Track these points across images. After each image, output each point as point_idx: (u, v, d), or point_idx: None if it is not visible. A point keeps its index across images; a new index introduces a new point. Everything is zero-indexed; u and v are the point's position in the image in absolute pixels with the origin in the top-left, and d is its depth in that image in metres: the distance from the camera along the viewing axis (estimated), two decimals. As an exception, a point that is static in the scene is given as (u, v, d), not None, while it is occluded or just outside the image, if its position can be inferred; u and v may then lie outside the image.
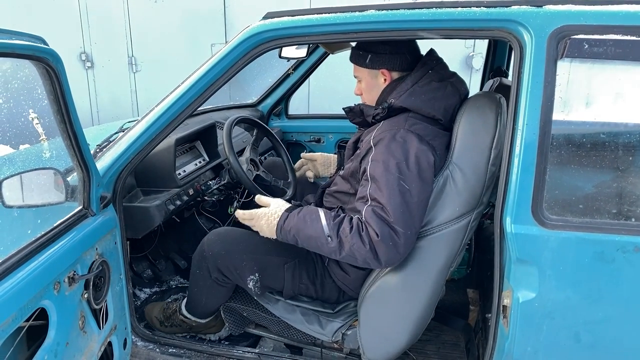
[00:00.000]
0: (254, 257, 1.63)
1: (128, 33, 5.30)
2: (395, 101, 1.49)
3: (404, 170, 1.37)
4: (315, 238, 1.43)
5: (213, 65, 1.49)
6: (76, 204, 1.43)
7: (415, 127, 1.44)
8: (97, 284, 1.44)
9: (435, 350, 1.99)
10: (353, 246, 1.37)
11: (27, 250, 1.19)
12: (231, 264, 1.64)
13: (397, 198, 1.35)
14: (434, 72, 1.52)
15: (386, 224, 1.35)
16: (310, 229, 1.43)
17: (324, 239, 1.41)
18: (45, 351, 1.23)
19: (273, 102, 3.00)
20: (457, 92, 1.52)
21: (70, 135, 1.28)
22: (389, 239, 1.34)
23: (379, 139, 1.45)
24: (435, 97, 1.47)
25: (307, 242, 1.46)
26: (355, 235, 1.37)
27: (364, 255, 1.37)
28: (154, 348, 1.78)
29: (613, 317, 1.25)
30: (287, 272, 1.64)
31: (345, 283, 1.64)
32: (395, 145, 1.40)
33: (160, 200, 1.79)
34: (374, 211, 1.37)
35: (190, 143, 2.24)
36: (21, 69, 1.36)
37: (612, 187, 1.27)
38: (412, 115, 1.48)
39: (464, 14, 1.28)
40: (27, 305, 1.15)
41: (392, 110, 1.51)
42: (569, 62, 1.21)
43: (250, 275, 1.63)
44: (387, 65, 1.55)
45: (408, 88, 1.50)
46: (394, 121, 1.48)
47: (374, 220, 1.35)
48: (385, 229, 1.34)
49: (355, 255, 1.39)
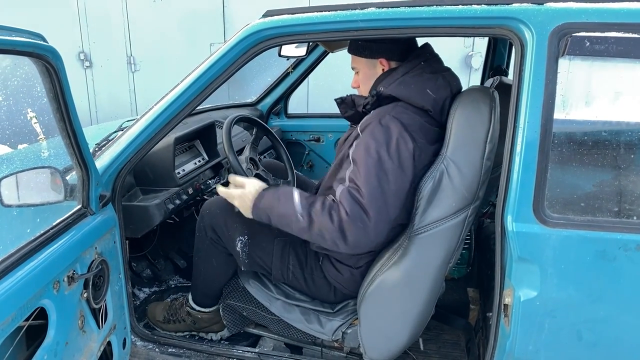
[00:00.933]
0: (246, 221, 1.65)
1: (127, 32, 5.29)
2: (385, 89, 1.49)
3: (383, 155, 1.38)
4: (286, 216, 1.43)
5: (212, 63, 1.49)
6: (75, 203, 1.42)
7: (401, 115, 1.44)
8: (97, 284, 1.43)
9: (435, 349, 1.99)
10: (322, 224, 1.37)
11: (26, 250, 1.18)
12: (224, 223, 1.69)
13: (374, 181, 1.36)
14: (426, 64, 1.52)
15: (358, 205, 1.35)
16: (282, 207, 1.44)
17: (295, 217, 1.41)
18: (44, 351, 1.22)
19: (272, 101, 2.99)
20: (448, 86, 1.51)
21: (69, 133, 1.27)
22: (358, 220, 1.34)
23: (365, 124, 1.46)
24: (425, 88, 1.47)
25: (279, 220, 1.46)
26: (325, 214, 1.37)
27: (332, 234, 1.36)
28: (153, 348, 1.77)
29: (615, 316, 1.25)
30: (277, 246, 1.65)
31: (338, 281, 1.63)
32: (378, 130, 1.41)
33: (160, 199, 1.79)
34: (349, 192, 1.37)
35: (190, 142, 2.24)
36: (20, 67, 1.36)
37: (613, 185, 1.27)
38: (401, 104, 1.47)
39: (465, 12, 1.28)
40: (27, 305, 1.15)
41: (381, 99, 1.51)
42: (571, 60, 1.21)
43: (239, 236, 1.66)
44: (386, 54, 1.55)
45: (398, 77, 1.50)
46: (382, 109, 1.49)
47: (346, 199, 1.36)
48: (356, 209, 1.35)
49: (323, 234, 1.38)
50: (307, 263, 1.66)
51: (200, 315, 1.86)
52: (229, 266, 1.76)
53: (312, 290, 1.68)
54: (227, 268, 1.77)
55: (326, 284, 1.66)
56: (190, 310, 1.87)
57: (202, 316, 1.87)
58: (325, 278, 1.65)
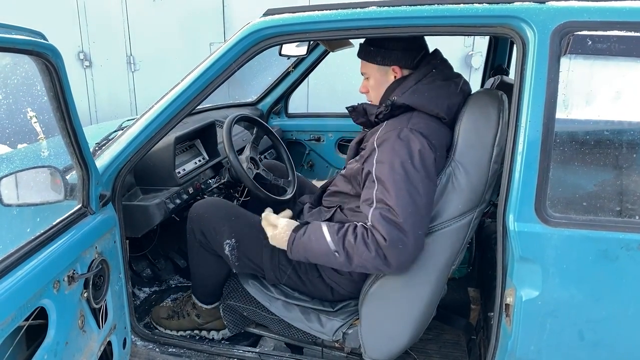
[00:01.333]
0: (233, 223, 1.67)
1: (126, 32, 5.29)
2: (399, 98, 1.48)
3: (409, 169, 1.35)
4: (324, 255, 1.42)
5: (213, 62, 1.48)
6: (75, 203, 1.42)
7: (418, 125, 1.42)
8: (97, 283, 1.43)
9: (436, 349, 1.99)
10: (360, 256, 1.35)
11: (26, 249, 1.18)
12: (211, 226, 1.68)
13: (405, 198, 1.33)
14: (438, 72, 1.51)
15: (394, 227, 1.32)
16: (316, 247, 1.42)
17: (332, 255, 1.39)
18: (45, 350, 1.22)
19: (273, 100, 2.99)
20: (461, 92, 1.50)
21: (69, 132, 1.27)
22: (397, 242, 1.31)
23: (382, 139, 1.43)
24: (439, 95, 1.46)
25: (317, 260, 1.46)
26: (360, 245, 1.34)
27: (373, 262, 1.34)
28: (153, 347, 1.77)
29: (617, 316, 1.24)
30: (266, 248, 1.62)
31: (335, 281, 1.62)
32: (399, 145, 1.38)
33: (160, 198, 1.78)
34: (381, 214, 1.33)
35: (190, 141, 2.23)
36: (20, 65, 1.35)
37: (615, 184, 1.26)
38: (416, 114, 1.46)
39: (466, 10, 1.27)
40: (27, 305, 1.14)
41: (395, 109, 1.49)
42: (573, 59, 1.20)
43: (227, 240, 1.65)
44: (400, 62, 1.52)
45: (411, 85, 1.48)
46: (397, 121, 1.47)
47: (381, 224, 1.32)
48: (394, 232, 1.31)
49: (365, 265, 1.37)
50: (300, 264, 1.63)
51: (204, 308, 1.87)
52: (222, 267, 1.76)
53: (309, 289, 1.67)
54: (219, 269, 1.77)
55: (323, 284, 1.65)
56: (195, 303, 1.89)
57: (205, 312, 1.88)
58: (321, 277, 1.64)
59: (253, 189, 1.89)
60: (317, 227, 1.45)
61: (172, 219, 2.15)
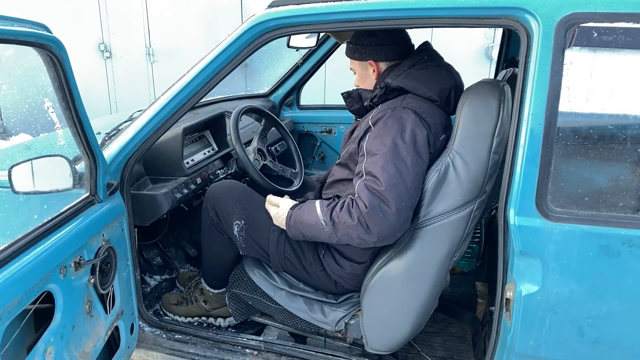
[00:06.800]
0: (245, 206, 1.72)
1: (146, 24, 5.36)
2: (393, 81, 1.53)
3: (399, 143, 1.39)
4: (313, 226, 1.48)
5: (218, 54, 1.50)
6: (83, 191, 1.46)
7: (411, 104, 1.47)
8: (104, 270, 1.47)
9: (441, 342, 1.98)
10: (344, 224, 1.40)
11: (33, 235, 1.21)
12: (224, 207, 1.73)
13: (392, 170, 1.37)
14: (429, 59, 1.57)
15: (376, 195, 1.36)
16: (308, 219, 1.49)
17: (320, 225, 1.45)
18: (51, 333, 1.26)
19: (284, 92, 3.00)
20: (452, 77, 1.56)
21: (75, 122, 1.30)
22: (378, 210, 1.35)
23: (377, 118, 1.49)
24: (431, 79, 1.51)
25: (309, 232, 1.51)
26: (345, 213, 1.40)
27: (356, 230, 1.38)
28: (160, 334, 1.81)
29: (617, 312, 1.22)
30: (272, 234, 1.67)
31: (339, 275, 1.64)
32: (391, 121, 1.44)
33: (168, 188, 1.81)
34: (365, 185, 1.39)
35: (200, 132, 2.26)
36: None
37: (618, 179, 1.24)
38: (409, 95, 1.51)
39: (471, 2, 1.26)
40: (33, 289, 1.18)
41: (389, 92, 1.54)
42: (577, 51, 1.18)
43: (237, 220, 1.70)
44: (373, 56, 1.59)
45: (405, 70, 1.54)
46: (391, 102, 1.52)
47: (364, 192, 1.37)
48: (375, 201, 1.35)
49: (349, 233, 1.41)
50: (305, 255, 1.67)
51: (212, 294, 1.91)
52: (231, 249, 1.79)
53: (313, 280, 1.69)
54: (228, 250, 1.80)
55: (326, 277, 1.67)
56: (203, 288, 1.93)
57: (213, 297, 1.92)
58: (324, 271, 1.66)
59: (258, 180, 1.91)
60: (311, 202, 1.53)
61: (182, 209, 2.19)
